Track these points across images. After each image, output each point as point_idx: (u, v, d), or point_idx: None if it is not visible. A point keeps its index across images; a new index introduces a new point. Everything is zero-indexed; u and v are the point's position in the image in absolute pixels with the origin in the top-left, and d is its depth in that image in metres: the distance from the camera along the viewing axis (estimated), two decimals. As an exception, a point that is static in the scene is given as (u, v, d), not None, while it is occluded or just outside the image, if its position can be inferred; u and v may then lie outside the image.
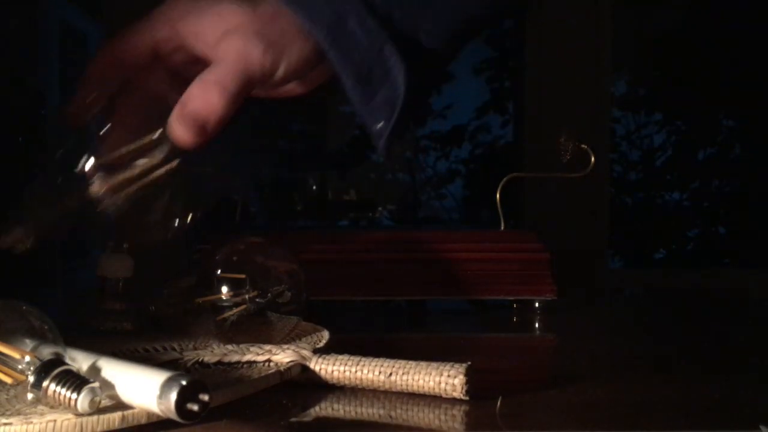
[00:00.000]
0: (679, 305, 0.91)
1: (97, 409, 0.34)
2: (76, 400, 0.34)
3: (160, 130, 0.46)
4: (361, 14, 0.49)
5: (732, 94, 1.66)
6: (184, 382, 0.32)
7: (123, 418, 0.35)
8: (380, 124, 0.51)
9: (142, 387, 0.34)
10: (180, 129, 0.46)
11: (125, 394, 0.35)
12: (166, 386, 0.32)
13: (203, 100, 0.46)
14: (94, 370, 0.36)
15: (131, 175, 0.46)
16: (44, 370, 0.34)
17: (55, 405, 0.34)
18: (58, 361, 0.35)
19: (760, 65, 1.60)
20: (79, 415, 0.34)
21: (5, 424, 0.34)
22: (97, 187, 0.46)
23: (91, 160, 0.46)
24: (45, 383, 0.34)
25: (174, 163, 0.47)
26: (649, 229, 1.73)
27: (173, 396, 0.32)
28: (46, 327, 0.38)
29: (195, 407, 0.32)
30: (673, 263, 1.74)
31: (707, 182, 1.74)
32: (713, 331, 0.72)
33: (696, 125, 1.73)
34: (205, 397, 0.33)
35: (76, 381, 0.34)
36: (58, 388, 0.34)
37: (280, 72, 0.48)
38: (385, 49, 0.49)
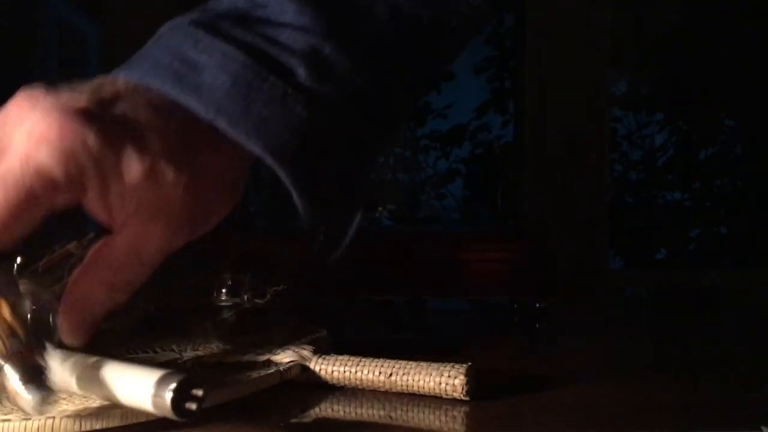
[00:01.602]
0: (680, 305, 0.91)
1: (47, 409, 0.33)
2: (26, 398, 0.32)
3: (74, 243, 0.44)
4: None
5: (733, 94, 1.66)
6: (178, 380, 0.32)
7: (123, 415, 0.35)
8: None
9: (136, 386, 0.33)
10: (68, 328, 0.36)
11: (119, 394, 0.35)
12: (160, 384, 0.32)
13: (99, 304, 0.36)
14: (86, 369, 0.36)
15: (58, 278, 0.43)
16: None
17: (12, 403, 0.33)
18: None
19: (762, 65, 1.60)
20: (27, 417, 0.33)
21: (4, 420, 0.33)
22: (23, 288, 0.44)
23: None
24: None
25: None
26: (650, 229, 1.72)
27: (168, 394, 0.32)
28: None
29: (192, 405, 0.32)
30: (674, 263, 1.73)
31: (708, 182, 1.74)
32: (714, 331, 0.71)
33: (697, 125, 1.73)
34: (200, 392, 0.32)
35: (31, 377, 0.33)
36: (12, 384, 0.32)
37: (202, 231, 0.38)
38: None
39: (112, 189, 0.34)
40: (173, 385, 0.32)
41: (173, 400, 0.32)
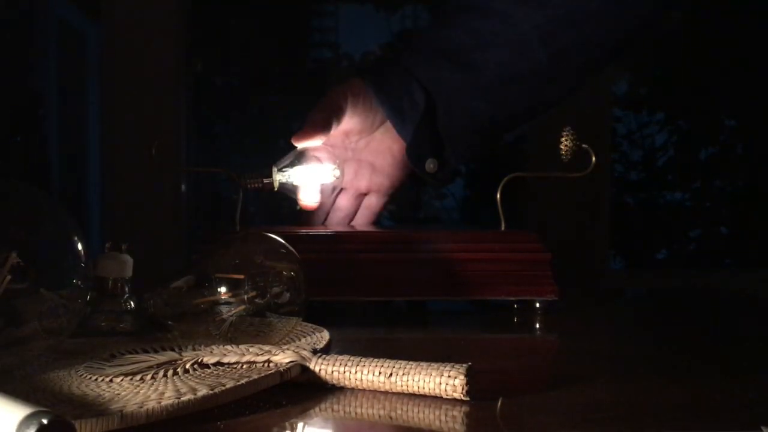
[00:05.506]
0: (680, 305, 0.90)
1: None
2: None
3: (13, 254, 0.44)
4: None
5: (734, 93, 1.66)
6: (45, 421, 0.29)
7: (122, 418, 0.35)
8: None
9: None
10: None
11: None
12: (23, 425, 0.29)
13: None
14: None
15: None
16: None
17: None
18: None
19: (762, 64, 1.60)
20: None
21: None
22: None
23: None
24: None
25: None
26: (650, 229, 1.72)
27: None
28: None
29: None
30: (675, 263, 1.73)
31: (709, 182, 1.74)
32: (715, 331, 0.71)
33: (698, 125, 1.72)
34: None
35: None
36: None
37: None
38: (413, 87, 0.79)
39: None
40: (37, 427, 0.29)
41: None
